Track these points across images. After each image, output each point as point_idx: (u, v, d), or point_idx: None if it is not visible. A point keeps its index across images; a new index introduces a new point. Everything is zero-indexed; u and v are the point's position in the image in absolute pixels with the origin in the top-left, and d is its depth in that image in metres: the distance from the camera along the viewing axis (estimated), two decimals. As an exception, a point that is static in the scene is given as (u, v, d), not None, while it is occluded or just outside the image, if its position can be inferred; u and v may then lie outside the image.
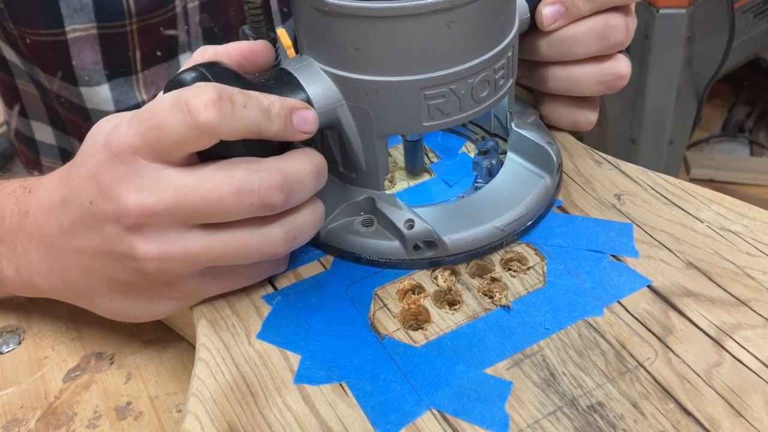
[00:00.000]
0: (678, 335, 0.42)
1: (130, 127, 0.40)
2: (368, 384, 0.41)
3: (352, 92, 0.45)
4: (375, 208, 0.49)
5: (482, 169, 0.53)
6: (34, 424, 0.47)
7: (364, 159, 0.47)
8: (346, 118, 0.46)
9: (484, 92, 0.46)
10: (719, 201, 0.51)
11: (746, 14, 1.54)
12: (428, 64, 0.43)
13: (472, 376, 0.41)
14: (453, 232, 0.47)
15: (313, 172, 0.42)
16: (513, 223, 0.48)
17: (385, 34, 0.42)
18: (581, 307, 0.44)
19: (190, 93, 0.38)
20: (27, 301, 0.55)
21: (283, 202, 0.40)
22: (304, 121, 0.42)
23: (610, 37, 0.51)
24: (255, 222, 0.41)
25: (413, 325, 0.45)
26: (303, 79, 0.44)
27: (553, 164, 0.50)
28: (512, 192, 0.49)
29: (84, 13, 0.69)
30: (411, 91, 0.44)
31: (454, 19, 0.42)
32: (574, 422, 0.38)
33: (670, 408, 0.39)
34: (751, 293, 0.44)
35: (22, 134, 0.85)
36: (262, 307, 0.46)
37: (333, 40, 0.44)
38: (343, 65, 0.44)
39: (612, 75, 0.52)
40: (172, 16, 0.72)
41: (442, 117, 0.45)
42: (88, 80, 0.73)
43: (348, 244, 0.48)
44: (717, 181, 1.80)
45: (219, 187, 0.39)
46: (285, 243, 0.42)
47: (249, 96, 0.39)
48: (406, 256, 0.47)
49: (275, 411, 0.40)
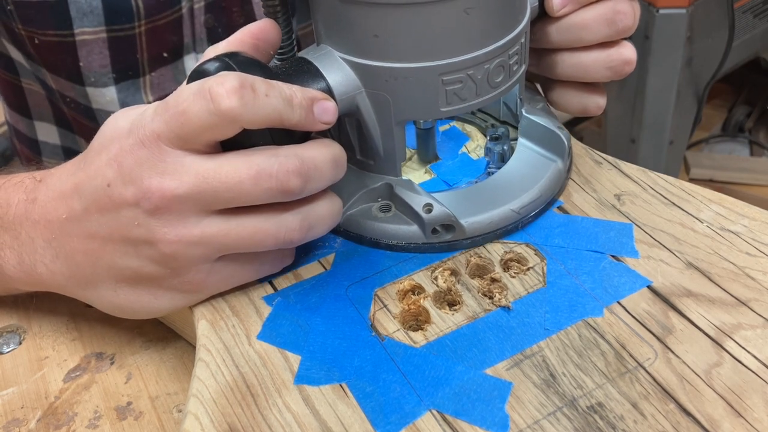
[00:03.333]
0: (678, 335, 0.42)
1: (156, 114, 0.41)
2: (368, 385, 0.41)
3: (371, 79, 0.45)
4: (393, 193, 0.49)
5: (495, 155, 0.54)
6: (35, 424, 0.47)
7: (382, 145, 0.48)
8: (365, 105, 0.46)
9: (499, 77, 0.47)
10: (719, 201, 0.51)
11: (746, 14, 1.54)
12: (446, 50, 0.44)
13: (472, 376, 0.41)
14: (470, 216, 0.48)
15: (331, 161, 0.43)
16: (528, 205, 0.49)
17: (404, 21, 0.43)
18: (581, 308, 0.44)
19: (213, 81, 0.39)
20: (28, 300, 0.55)
21: (301, 188, 0.41)
22: (324, 112, 0.43)
23: (619, 22, 0.52)
24: (272, 208, 0.42)
25: (413, 326, 0.45)
26: (323, 67, 0.45)
27: (565, 148, 0.52)
28: (525, 176, 0.51)
29: (94, 17, 0.69)
30: (429, 77, 0.45)
31: (472, 6, 0.43)
32: (574, 423, 0.39)
33: (670, 408, 0.39)
34: (750, 293, 0.44)
35: (25, 135, 0.85)
36: (262, 307, 0.46)
37: (352, 28, 0.44)
38: (362, 53, 0.45)
39: (620, 60, 0.53)
40: (179, 17, 0.73)
41: (460, 102, 0.46)
42: (94, 81, 0.73)
43: (367, 229, 0.49)
44: (717, 181, 1.80)
45: (239, 171, 0.40)
46: (300, 231, 0.43)
47: (271, 85, 0.40)
48: (425, 239, 0.48)
49: (275, 412, 0.41)
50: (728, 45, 1.49)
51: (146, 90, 0.76)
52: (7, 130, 0.90)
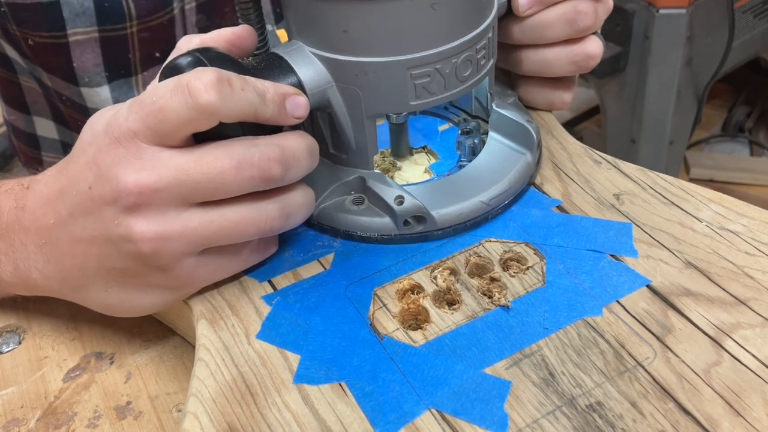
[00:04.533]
0: (677, 335, 0.42)
1: (131, 112, 0.41)
2: (367, 384, 0.41)
3: (341, 74, 0.46)
4: (365, 186, 0.50)
5: (466, 148, 0.55)
6: (34, 423, 0.47)
7: (354, 139, 0.49)
8: (336, 100, 0.47)
9: (467, 71, 0.48)
10: (718, 200, 0.51)
11: (746, 14, 1.54)
12: (414, 45, 0.45)
13: (471, 375, 0.41)
14: (441, 207, 0.49)
15: (307, 150, 0.44)
16: (497, 197, 0.50)
17: (372, 17, 0.43)
18: (580, 307, 0.44)
19: (190, 76, 0.39)
20: (28, 300, 0.55)
21: (282, 176, 0.42)
22: (296, 107, 0.43)
23: (579, 22, 0.53)
24: (252, 198, 0.43)
25: (412, 325, 0.45)
26: (294, 62, 0.46)
27: (533, 141, 0.52)
28: (495, 169, 0.52)
29: (86, 17, 0.69)
30: (398, 71, 0.45)
31: (438, 1, 0.44)
32: (573, 422, 0.39)
33: (669, 407, 0.39)
34: (750, 293, 0.44)
35: (23, 131, 0.85)
36: (262, 307, 0.47)
37: (322, 24, 0.45)
38: (332, 48, 0.45)
39: (583, 55, 0.55)
40: (171, 18, 0.73)
41: (428, 96, 0.47)
42: (88, 81, 0.73)
43: (340, 222, 0.50)
44: (717, 181, 1.80)
45: (220, 161, 0.40)
46: (281, 218, 0.44)
47: (245, 80, 0.41)
48: (397, 231, 0.49)
49: (275, 411, 0.41)
50: (728, 45, 1.49)
51: (139, 89, 0.76)
52: (7, 130, 0.90)
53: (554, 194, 0.52)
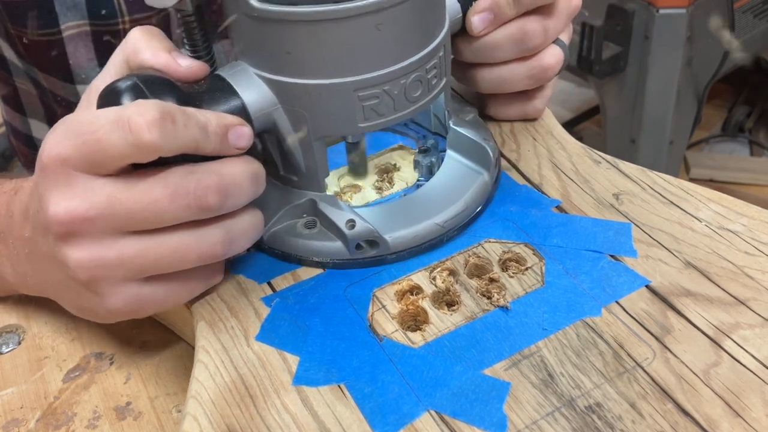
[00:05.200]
0: (676, 335, 0.42)
1: (64, 138, 0.39)
2: (367, 385, 0.41)
3: (286, 96, 0.45)
4: (317, 209, 0.49)
5: (423, 167, 0.54)
6: (34, 424, 0.48)
7: (303, 162, 0.48)
8: (283, 122, 0.46)
9: (417, 92, 0.46)
10: (718, 200, 0.51)
11: (746, 14, 1.54)
12: (360, 66, 0.43)
13: (470, 377, 0.41)
14: (394, 231, 0.47)
15: (250, 177, 0.42)
16: (452, 219, 0.49)
17: (315, 38, 0.42)
18: (579, 308, 0.44)
19: (132, 111, 0.38)
20: (27, 301, 0.55)
21: (220, 205, 0.40)
22: (239, 137, 0.42)
23: (528, 42, 0.52)
24: (192, 224, 0.41)
25: (411, 326, 0.45)
26: (237, 84, 0.45)
27: (490, 160, 0.51)
28: (451, 189, 0.50)
29: (77, 11, 0.69)
30: (344, 93, 0.44)
31: (383, 21, 0.42)
32: (572, 423, 0.39)
33: (668, 408, 0.39)
34: (749, 293, 0.44)
35: (21, 132, 0.85)
36: (261, 308, 0.46)
37: (264, 45, 0.44)
38: (276, 70, 0.44)
39: (539, 69, 0.54)
40: (166, 16, 0.73)
41: (378, 117, 0.46)
42: (85, 78, 0.73)
43: (291, 246, 0.48)
44: (717, 181, 1.80)
45: (153, 190, 0.39)
46: (223, 244, 0.42)
47: (188, 114, 0.39)
48: (349, 255, 0.48)
49: (274, 413, 0.41)
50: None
51: None
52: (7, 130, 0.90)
53: (553, 194, 0.52)
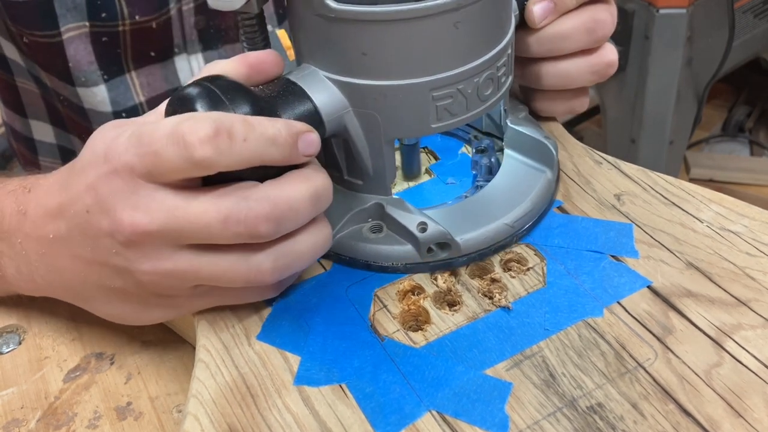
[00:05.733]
0: (678, 336, 0.42)
1: (130, 145, 0.40)
2: (368, 385, 0.41)
3: (359, 98, 0.44)
4: (384, 213, 0.48)
5: (482, 168, 0.53)
6: (35, 424, 0.47)
7: (371, 165, 0.47)
8: (353, 125, 0.45)
9: (488, 90, 0.46)
10: (719, 201, 0.51)
11: (746, 14, 1.54)
12: (436, 66, 0.43)
13: (471, 377, 0.41)
14: (464, 232, 0.47)
15: (310, 198, 0.41)
16: (521, 218, 0.48)
17: (393, 38, 0.42)
18: (581, 308, 0.44)
19: (187, 127, 0.37)
20: (27, 301, 0.55)
21: (273, 232, 0.40)
22: (309, 145, 0.41)
23: (599, 30, 0.52)
24: (244, 248, 0.41)
25: (413, 326, 0.45)
26: (308, 87, 0.44)
27: (553, 158, 0.51)
28: (516, 188, 0.50)
29: (77, 12, 0.69)
30: (419, 93, 0.44)
31: (461, 19, 0.42)
32: (573, 423, 0.38)
33: (670, 409, 0.39)
34: (751, 293, 0.44)
35: (21, 134, 0.85)
36: (262, 308, 0.46)
37: (339, 47, 0.43)
38: (349, 71, 0.44)
39: (603, 65, 0.54)
40: (167, 19, 0.72)
41: (450, 117, 0.45)
42: (84, 81, 0.73)
43: (359, 251, 0.48)
44: (717, 181, 1.80)
45: (207, 213, 0.39)
46: (273, 272, 0.41)
47: (252, 127, 0.39)
48: (420, 259, 0.47)
49: (275, 412, 0.40)
50: (728, 45, 1.49)
51: (136, 89, 0.75)
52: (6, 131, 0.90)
53: (555, 195, 0.52)
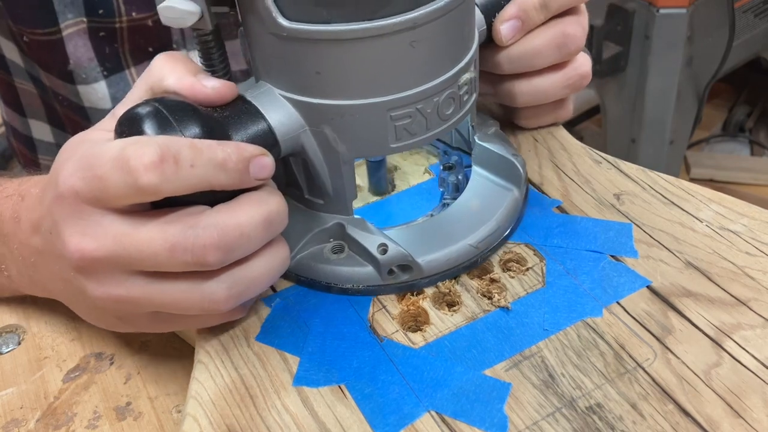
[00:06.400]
0: (677, 336, 0.42)
1: (75, 169, 0.39)
2: (367, 386, 0.41)
3: (315, 117, 0.43)
4: (345, 233, 0.47)
5: (449, 185, 0.52)
6: (34, 424, 0.47)
7: (331, 184, 0.46)
8: (311, 144, 0.44)
9: (449, 109, 0.45)
10: (719, 200, 0.51)
11: (746, 14, 1.54)
12: (393, 85, 0.42)
13: (470, 377, 0.41)
14: (427, 254, 0.46)
15: (262, 223, 0.39)
16: (486, 239, 0.47)
17: (347, 57, 0.40)
18: (580, 308, 0.44)
19: (131, 152, 0.36)
20: (27, 301, 0.55)
21: (221, 260, 0.38)
22: (261, 169, 0.40)
23: (570, 45, 0.51)
24: (196, 275, 0.39)
25: (412, 327, 0.45)
26: (263, 107, 0.43)
27: (520, 176, 0.50)
28: (482, 207, 0.49)
29: (74, 7, 0.69)
30: (377, 113, 0.42)
31: (417, 38, 0.41)
32: (572, 423, 0.38)
33: (669, 409, 0.39)
34: (750, 293, 0.44)
35: (20, 133, 0.85)
36: (261, 309, 0.46)
37: (292, 66, 0.42)
38: (304, 90, 0.42)
39: (577, 77, 0.53)
40: None
41: (410, 137, 0.44)
42: (85, 78, 0.73)
43: (319, 273, 0.47)
44: (717, 181, 1.80)
45: (154, 241, 0.38)
46: (228, 299, 0.40)
47: (200, 152, 0.37)
48: (381, 281, 0.46)
49: (274, 413, 0.40)
50: (728, 45, 1.49)
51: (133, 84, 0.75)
52: (6, 130, 0.90)
53: (554, 194, 0.52)
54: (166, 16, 0.42)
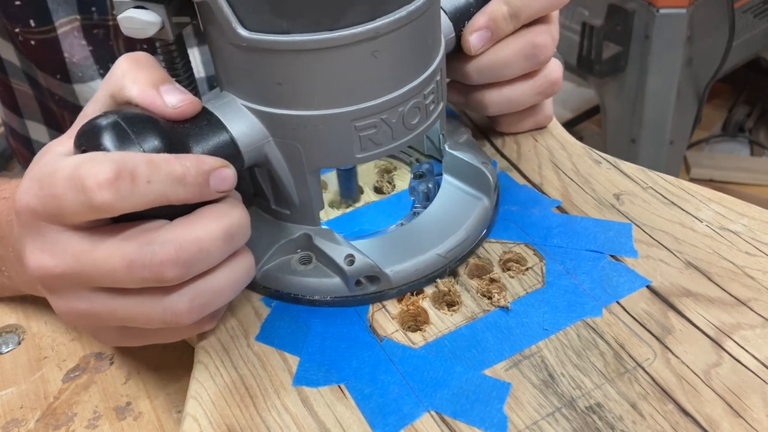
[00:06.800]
0: (677, 335, 0.42)
1: (30, 187, 0.38)
2: (367, 386, 0.41)
3: (278, 128, 0.43)
4: (312, 244, 0.46)
5: (419, 194, 0.52)
6: (34, 424, 0.47)
7: (297, 195, 0.45)
8: (275, 155, 0.44)
9: (415, 119, 0.44)
10: (719, 200, 0.51)
11: (746, 14, 1.54)
12: (356, 96, 0.41)
13: (470, 377, 0.41)
14: (395, 264, 0.45)
15: (223, 237, 0.38)
16: (455, 249, 0.47)
17: (308, 68, 0.40)
18: (580, 308, 0.44)
19: (86, 170, 0.36)
20: (27, 301, 0.55)
21: (180, 275, 0.37)
22: (222, 181, 0.39)
23: (539, 55, 0.51)
24: (157, 290, 0.39)
25: (412, 327, 0.45)
26: (225, 117, 0.42)
27: (490, 185, 0.50)
28: (451, 216, 0.48)
29: (67, 5, 0.69)
30: (341, 123, 0.42)
31: (380, 48, 0.40)
32: (572, 423, 0.38)
33: (669, 409, 0.39)
34: (750, 293, 0.44)
35: (18, 133, 0.85)
36: (261, 309, 0.46)
37: (254, 76, 0.41)
38: (266, 101, 0.42)
39: (547, 84, 0.53)
40: None
41: (375, 147, 0.44)
42: (81, 76, 0.73)
43: (286, 284, 0.46)
44: (717, 181, 1.81)
45: (112, 258, 0.37)
46: (190, 312, 0.39)
47: (157, 167, 0.37)
48: (348, 293, 0.45)
49: (274, 413, 0.40)
50: (728, 45, 1.49)
51: None
52: (5, 130, 0.90)
53: (554, 194, 0.52)
54: (126, 26, 0.42)
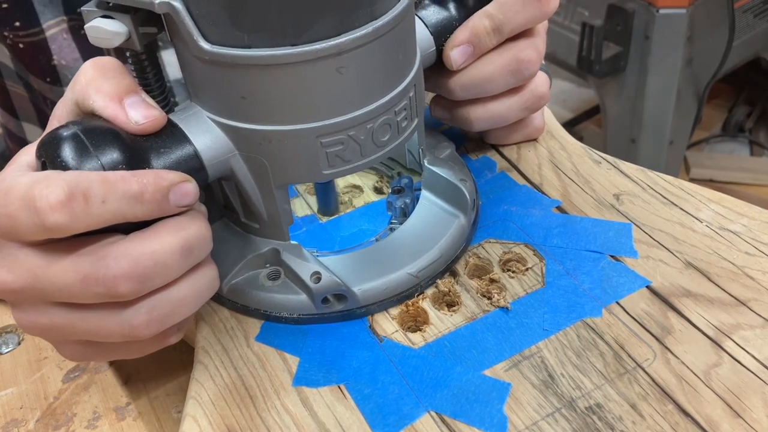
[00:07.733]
0: (677, 336, 0.42)
1: None
2: (366, 386, 0.41)
3: (244, 142, 0.42)
4: (280, 259, 0.46)
5: (396, 210, 0.50)
6: (34, 424, 0.47)
7: (264, 209, 0.44)
8: (241, 169, 0.42)
9: (386, 136, 0.43)
10: (718, 200, 0.51)
11: (746, 14, 1.54)
12: (322, 112, 0.40)
13: (470, 377, 0.41)
14: (364, 282, 0.44)
15: (180, 251, 0.38)
16: (427, 268, 0.46)
17: (272, 83, 0.39)
18: (580, 308, 0.44)
19: (38, 191, 0.35)
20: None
21: (135, 290, 0.37)
22: (183, 197, 0.38)
23: (524, 70, 0.50)
24: (114, 303, 0.38)
25: (412, 327, 0.45)
26: (189, 130, 0.41)
27: (467, 202, 0.48)
28: (426, 234, 0.48)
29: (54, 6, 0.68)
30: (306, 139, 0.41)
31: (345, 64, 0.39)
32: (572, 424, 0.38)
33: (669, 409, 0.39)
34: (750, 293, 0.44)
35: (15, 135, 0.85)
36: (261, 308, 0.46)
37: (218, 89, 0.41)
38: (231, 114, 0.41)
39: (533, 98, 0.52)
40: None
41: (343, 164, 0.42)
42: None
43: (252, 299, 0.45)
44: (717, 181, 1.80)
45: (66, 274, 0.37)
46: (149, 325, 0.38)
47: (112, 186, 0.36)
48: (315, 310, 0.45)
49: (274, 414, 0.40)
50: (728, 45, 1.49)
51: None
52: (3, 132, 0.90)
53: (554, 194, 0.52)
54: (92, 36, 0.41)
